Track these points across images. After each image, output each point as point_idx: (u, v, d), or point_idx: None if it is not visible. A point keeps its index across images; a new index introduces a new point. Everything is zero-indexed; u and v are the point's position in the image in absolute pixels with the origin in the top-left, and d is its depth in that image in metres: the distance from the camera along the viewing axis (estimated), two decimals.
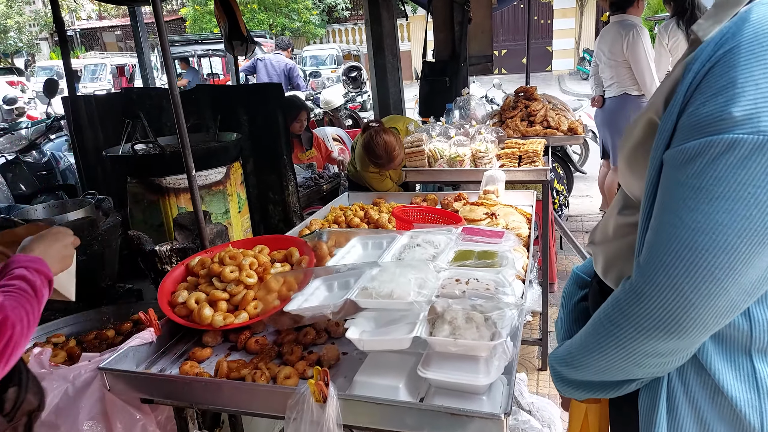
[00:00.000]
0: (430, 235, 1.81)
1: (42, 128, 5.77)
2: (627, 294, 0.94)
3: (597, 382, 1.09)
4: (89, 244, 2.52)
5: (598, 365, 1.04)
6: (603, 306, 1.03)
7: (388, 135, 3.42)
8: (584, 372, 1.09)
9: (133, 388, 1.49)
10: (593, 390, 1.11)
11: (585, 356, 1.07)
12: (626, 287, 0.95)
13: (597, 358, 1.03)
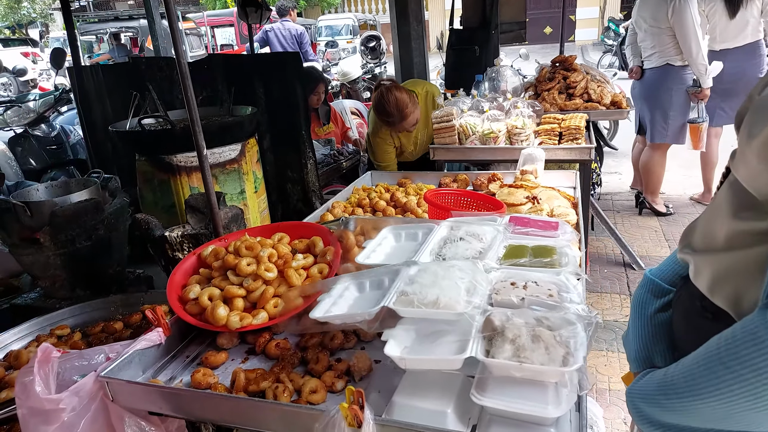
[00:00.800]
0: (474, 227, 1.59)
1: (50, 100, 5.57)
2: (746, 336, 0.73)
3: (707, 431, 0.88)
4: (94, 228, 2.34)
5: (710, 413, 0.82)
6: (713, 343, 0.81)
7: (401, 92, 3.15)
8: (687, 417, 0.87)
9: (140, 400, 1.31)
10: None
11: (688, 400, 0.85)
12: (746, 328, 0.74)
13: (707, 405, 0.82)
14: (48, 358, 1.24)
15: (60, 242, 2.28)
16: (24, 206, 2.31)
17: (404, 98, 3.12)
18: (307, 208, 3.56)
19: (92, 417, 1.26)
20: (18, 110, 5.52)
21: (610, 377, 2.89)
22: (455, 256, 1.43)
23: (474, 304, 1.16)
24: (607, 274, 4.08)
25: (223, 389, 1.33)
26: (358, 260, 1.55)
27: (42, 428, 1.19)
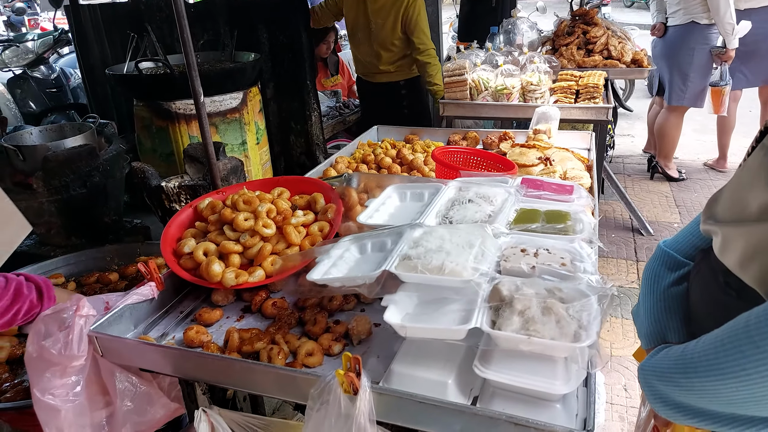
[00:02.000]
0: (484, 188, 1.50)
1: (49, 41, 5.39)
2: None
3: (727, 415, 0.82)
4: (89, 175, 2.26)
5: (733, 394, 0.76)
6: (741, 321, 0.74)
7: None
8: (706, 398, 0.81)
9: (129, 357, 1.26)
10: (721, 423, 0.83)
11: (708, 379, 0.79)
12: None
13: (730, 386, 0.75)
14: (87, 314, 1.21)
15: (54, 188, 2.22)
16: (16, 150, 2.24)
17: None
18: (311, 162, 3.47)
19: (91, 369, 1.22)
20: (17, 50, 5.35)
21: (612, 343, 2.86)
22: (463, 219, 1.35)
23: (481, 272, 1.09)
24: (614, 238, 4.01)
25: (216, 348, 1.28)
26: (359, 220, 1.48)
27: (53, 382, 1.16)
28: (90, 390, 1.27)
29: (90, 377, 1.27)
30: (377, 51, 3.46)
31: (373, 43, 3.45)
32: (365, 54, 3.51)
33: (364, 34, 3.46)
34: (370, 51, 3.48)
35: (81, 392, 1.24)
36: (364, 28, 3.44)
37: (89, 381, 1.27)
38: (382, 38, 3.43)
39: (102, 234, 2.38)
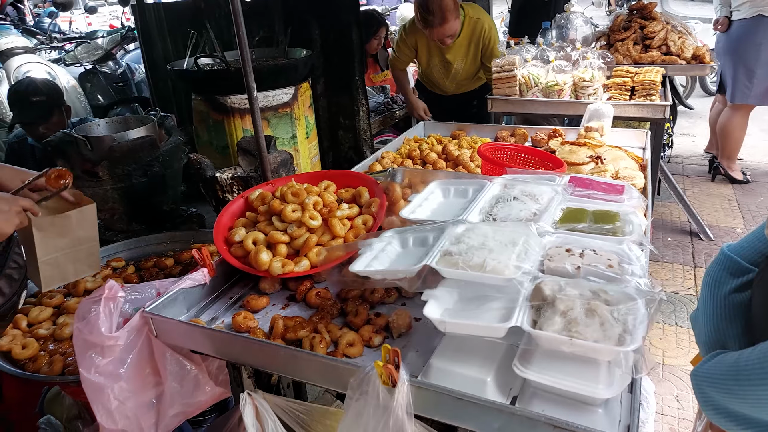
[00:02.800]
0: (530, 186, 1.48)
1: (117, 38, 5.68)
2: None
3: None
4: (150, 165, 2.38)
5: None
6: None
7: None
8: (760, 408, 0.78)
9: (181, 338, 1.33)
10: None
11: (763, 388, 0.76)
12: None
13: None
14: (114, 296, 1.28)
15: (117, 176, 2.35)
16: (85, 140, 2.38)
17: (449, 3, 3.00)
18: (358, 157, 3.52)
19: (138, 351, 1.29)
20: (87, 47, 5.66)
21: (665, 351, 2.76)
22: (507, 216, 1.35)
23: (523, 270, 1.09)
24: (670, 242, 3.85)
25: (262, 334, 1.33)
26: (402, 214, 1.49)
27: (97, 360, 1.24)
28: (141, 370, 1.34)
29: (142, 357, 1.34)
30: (455, 81, 3.46)
31: (451, 77, 3.45)
32: (439, 79, 3.51)
33: (440, 72, 3.46)
34: (445, 80, 3.48)
35: (128, 372, 1.30)
36: (441, 68, 3.44)
37: (141, 361, 1.34)
38: (462, 73, 3.43)
39: (160, 221, 2.50)
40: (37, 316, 1.74)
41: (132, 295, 1.45)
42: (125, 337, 1.30)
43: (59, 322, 1.72)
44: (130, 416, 1.27)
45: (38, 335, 1.67)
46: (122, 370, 1.30)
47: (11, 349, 1.59)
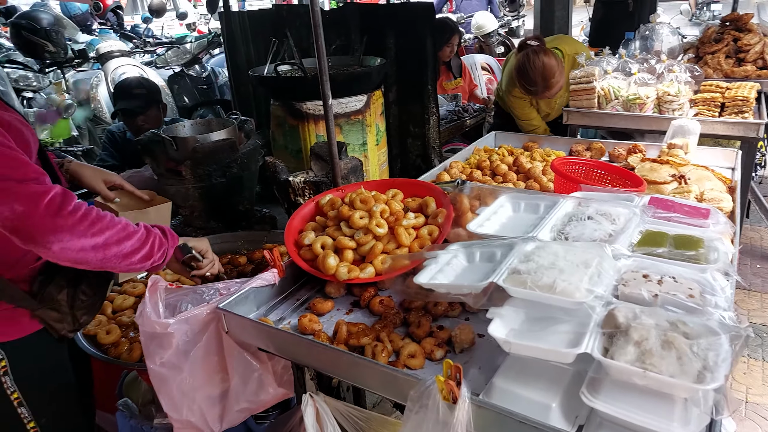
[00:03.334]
0: (606, 205, 1.43)
1: (204, 43, 6.01)
2: None
3: None
4: (228, 166, 2.50)
5: None
6: None
7: (549, 57, 2.80)
8: None
9: (250, 336, 1.39)
10: None
11: None
12: None
13: None
14: (156, 287, 1.36)
15: (198, 176, 2.48)
16: (171, 140, 2.53)
17: (552, 65, 2.78)
18: (426, 165, 3.51)
19: (205, 346, 1.36)
20: (177, 51, 6.03)
21: (749, 387, 2.56)
22: (580, 236, 1.30)
23: (596, 294, 1.05)
24: (758, 270, 3.57)
25: (326, 338, 1.36)
26: (470, 228, 1.48)
27: (159, 352, 1.31)
28: (208, 365, 1.40)
29: (209, 352, 1.40)
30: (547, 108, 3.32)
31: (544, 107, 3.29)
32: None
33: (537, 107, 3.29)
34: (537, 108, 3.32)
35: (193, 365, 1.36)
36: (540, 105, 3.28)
37: (208, 355, 1.40)
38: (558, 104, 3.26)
39: (236, 220, 2.61)
40: (120, 304, 1.87)
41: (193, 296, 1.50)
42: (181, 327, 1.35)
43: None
44: (194, 408, 1.34)
45: (121, 322, 1.79)
46: (186, 362, 1.36)
47: (97, 333, 1.72)
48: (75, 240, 1.12)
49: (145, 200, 1.79)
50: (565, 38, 3.33)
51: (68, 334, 1.37)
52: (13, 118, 1.26)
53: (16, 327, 1.28)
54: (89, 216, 1.14)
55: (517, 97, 3.18)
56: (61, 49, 5.08)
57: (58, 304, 1.32)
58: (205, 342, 1.38)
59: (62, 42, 5.14)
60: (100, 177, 1.66)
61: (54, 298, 1.31)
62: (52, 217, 1.09)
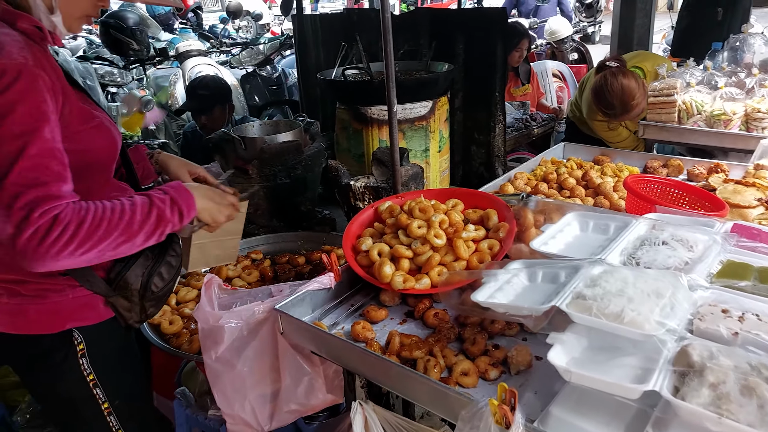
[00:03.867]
0: (683, 230, 1.34)
1: (276, 44, 6.18)
2: None
3: None
4: (293, 167, 2.55)
5: None
6: None
7: (628, 79, 2.65)
8: None
9: (304, 339, 1.40)
10: None
11: None
12: None
13: None
14: (210, 284, 1.40)
15: (264, 176, 2.55)
16: (240, 140, 2.62)
17: (632, 87, 2.63)
18: (489, 173, 3.44)
19: (259, 345, 1.39)
20: (250, 51, 6.25)
21: None
22: (653, 263, 1.22)
23: (668, 327, 0.98)
24: None
25: (378, 347, 1.35)
26: (533, 246, 1.43)
27: (214, 347, 1.35)
28: (261, 363, 1.42)
29: (264, 352, 1.43)
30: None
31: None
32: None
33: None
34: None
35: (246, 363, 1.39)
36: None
37: (263, 355, 1.42)
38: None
39: (297, 220, 2.67)
40: (184, 296, 1.95)
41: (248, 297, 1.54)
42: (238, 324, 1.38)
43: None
44: (246, 405, 1.37)
45: (183, 314, 1.86)
46: (239, 359, 1.39)
47: (160, 323, 1.79)
48: (60, 263, 1.11)
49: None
50: (647, 54, 3.15)
51: (135, 324, 1.43)
52: (103, 117, 1.33)
53: (93, 313, 1.34)
54: (77, 237, 1.10)
55: (601, 121, 3.03)
56: (144, 47, 5.38)
57: (131, 293, 1.37)
58: (259, 341, 1.41)
59: (146, 40, 5.44)
60: (185, 168, 1.71)
61: (129, 287, 1.36)
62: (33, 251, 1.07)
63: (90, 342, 1.34)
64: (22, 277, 1.24)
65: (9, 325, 1.28)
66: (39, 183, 1.07)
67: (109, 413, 1.40)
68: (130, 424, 1.45)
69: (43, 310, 1.28)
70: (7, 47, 1.08)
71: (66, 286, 1.29)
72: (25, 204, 1.05)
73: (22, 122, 1.06)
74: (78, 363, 1.34)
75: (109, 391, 1.39)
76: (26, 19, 1.17)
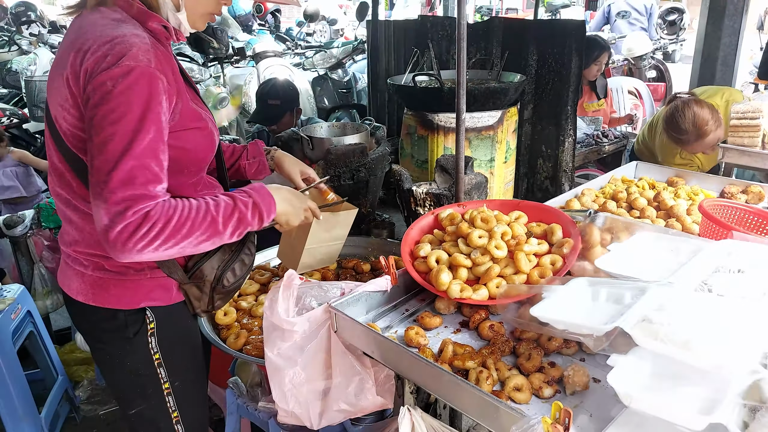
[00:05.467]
0: (762, 259, 1.25)
1: (349, 49, 6.31)
2: None
3: None
4: (357, 170, 2.60)
5: None
6: None
7: (701, 107, 2.60)
8: None
9: (357, 339, 1.42)
10: None
11: None
12: None
13: None
14: (290, 284, 1.43)
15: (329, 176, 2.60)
16: (308, 139, 2.70)
17: (704, 115, 2.58)
18: (554, 188, 3.36)
19: (318, 342, 1.41)
20: (323, 55, 6.40)
21: None
22: (726, 291, 1.16)
23: (740, 358, 0.92)
24: None
25: (430, 354, 1.35)
26: (598, 264, 1.38)
27: (279, 342, 1.39)
28: (317, 360, 1.44)
29: (320, 349, 1.45)
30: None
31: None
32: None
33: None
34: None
35: (306, 359, 1.41)
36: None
37: (319, 352, 1.44)
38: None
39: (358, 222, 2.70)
40: (245, 289, 2.01)
41: (317, 291, 1.56)
42: (303, 325, 1.41)
43: (260, 300, 1.96)
44: (301, 401, 1.40)
45: (240, 306, 1.92)
46: (300, 357, 1.41)
47: (215, 313, 1.86)
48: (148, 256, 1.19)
49: (331, 201, 1.84)
50: (717, 88, 3.01)
51: (202, 313, 1.50)
52: (209, 118, 1.41)
53: (166, 295, 1.41)
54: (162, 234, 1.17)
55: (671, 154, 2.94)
56: (223, 46, 5.62)
57: (204, 283, 1.44)
58: (318, 339, 1.43)
59: (225, 39, 5.69)
60: (298, 169, 1.79)
61: (204, 278, 1.43)
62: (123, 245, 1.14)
63: (160, 322, 1.41)
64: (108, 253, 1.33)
65: (91, 296, 1.37)
66: (138, 182, 1.14)
67: (168, 394, 1.47)
68: (186, 406, 1.51)
69: (123, 285, 1.36)
70: (134, 49, 1.16)
71: (146, 267, 1.36)
72: (122, 200, 1.12)
73: (135, 122, 1.13)
74: (147, 341, 1.41)
75: (171, 372, 1.45)
76: (156, 19, 1.25)
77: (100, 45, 1.16)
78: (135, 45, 1.16)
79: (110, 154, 1.12)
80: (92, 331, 1.46)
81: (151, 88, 1.16)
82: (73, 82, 1.18)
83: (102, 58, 1.14)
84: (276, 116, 3.30)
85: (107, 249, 1.17)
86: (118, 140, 1.13)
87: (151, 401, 1.47)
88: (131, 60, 1.14)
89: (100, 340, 1.45)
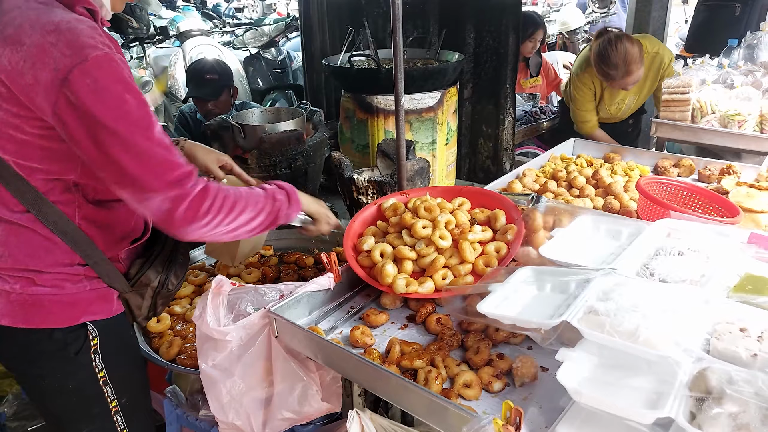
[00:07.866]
0: (700, 240, 1.27)
1: (281, 26, 6.05)
2: None
3: None
4: (294, 158, 2.48)
5: None
6: None
7: (632, 44, 2.72)
8: None
9: (300, 344, 1.35)
10: None
11: None
12: None
13: None
14: (219, 291, 1.34)
15: (264, 166, 2.48)
16: (240, 127, 2.55)
17: (634, 52, 2.72)
18: (495, 167, 3.38)
19: (256, 349, 1.34)
20: (255, 33, 6.11)
21: None
22: (668, 275, 1.17)
23: (684, 348, 0.92)
24: None
25: (377, 355, 1.30)
26: (542, 252, 1.37)
27: (212, 353, 1.30)
28: (257, 368, 1.37)
29: (260, 357, 1.37)
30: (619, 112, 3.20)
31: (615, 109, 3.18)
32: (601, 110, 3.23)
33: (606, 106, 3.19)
34: (608, 111, 3.20)
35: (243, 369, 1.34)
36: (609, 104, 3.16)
37: (258, 360, 1.36)
38: (632, 107, 3.18)
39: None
40: (179, 292, 1.87)
41: (254, 295, 1.46)
42: (238, 333, 1.33)
43: (194, 303, 1.83)
44: (241, 412, 1.32)
45: (173, 311, 1.79)
46: (238, 366, 1.34)
47: None
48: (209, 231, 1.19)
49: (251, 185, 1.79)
50: (649, 37, 3.15)
51: (142, 321, 1.39)
52: None
53: (107, 307, 1.31)
54: (223, 209, 1.19)
55: (584, 84, 3.10)
56: (144, 25, 5.23)
57: (146, 289, 1.36)
58: (257, 346, 1.35)
59: (146, 18, 5.31)
60: (214, 158, 1.71)
61: (149, 283, 1.35)
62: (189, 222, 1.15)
63: (103, 337, 1.30)
64: (40, 267, 1.21)
65: (21, 318, 1.23)
66: (177, 162, 1.14)
67: (116, 412, 1.36)
68: (134, 422, 1.41)
69: (59, 301, 1.23)
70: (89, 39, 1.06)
71: (84, 277, 1.25)
72: (175, 181, 1.12)
73: (136, 109, 1.09)
74: (90, 358, 1.29)
75: (118, 389, 1.35)
76: (83, 2, 1.15)
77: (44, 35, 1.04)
78: (83, 32, 1.07)
79: (138, 148, 1.09)
80: (21, 355, 1.30)
81: (126, 72, 1.10)
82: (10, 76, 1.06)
83: (61, 54, 1.03)
84: (215, 91, 3.11)
85: (174, 232, 1.16)
86: (135, 131, 1.09)
87: (98, 422, 1.36)
88: (92, 49, 1.05)
89: (33, 365, 1.30)
